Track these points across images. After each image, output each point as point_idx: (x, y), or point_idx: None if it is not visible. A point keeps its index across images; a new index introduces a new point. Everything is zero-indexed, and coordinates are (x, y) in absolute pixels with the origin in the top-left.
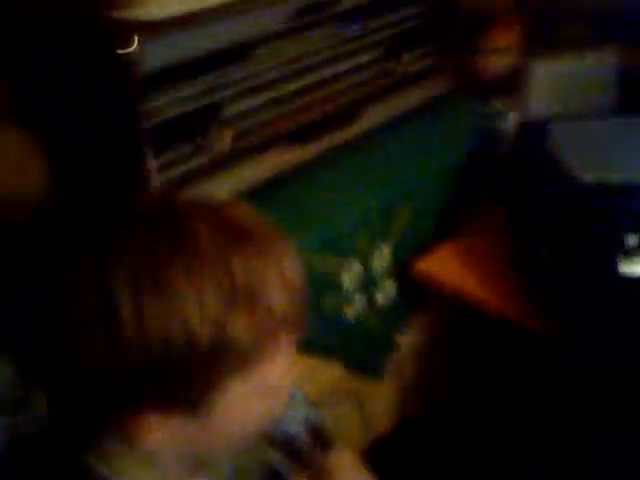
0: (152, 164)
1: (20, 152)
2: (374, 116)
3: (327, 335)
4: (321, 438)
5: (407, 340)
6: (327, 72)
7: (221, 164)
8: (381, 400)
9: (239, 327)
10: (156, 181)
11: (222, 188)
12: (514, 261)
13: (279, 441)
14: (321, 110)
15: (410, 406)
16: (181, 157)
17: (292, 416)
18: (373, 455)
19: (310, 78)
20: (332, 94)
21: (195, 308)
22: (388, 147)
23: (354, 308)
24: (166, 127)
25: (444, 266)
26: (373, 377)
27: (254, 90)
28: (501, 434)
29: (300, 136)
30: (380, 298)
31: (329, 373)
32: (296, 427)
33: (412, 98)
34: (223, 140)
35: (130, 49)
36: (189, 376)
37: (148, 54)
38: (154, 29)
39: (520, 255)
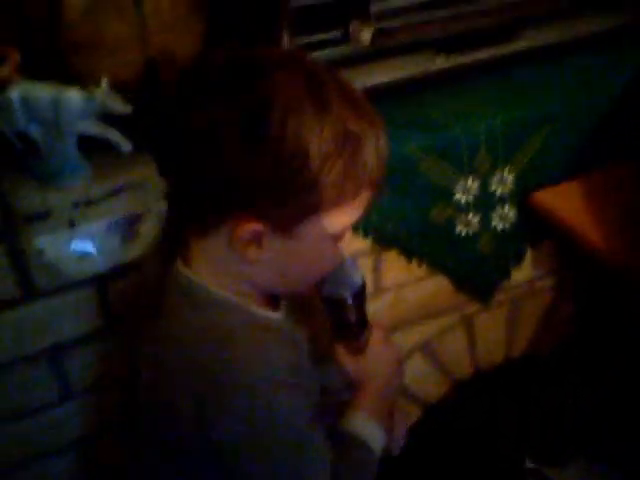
0: (286, 42)
1: (179, 11)
2: (532, 39)
3: (434, 244)
4: (362, 308)
5: (522, 273)
6: None
7: (357, 58)
8: (490, 327)
9: (339, 167)
10: None
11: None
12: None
13: (329, 301)
14: (475, 23)
15: (519, 342)
16: (318, 44)
17: (341, 279)
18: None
19: None
20: (491, 8)
21: (316, 140)
22: (536, 72)
23: (466, 225)
24: (308, 11)
25: (565, 202)
26: (480, 299)
27: None
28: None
29: (449, 45)
30: (496, 222)
31: (434, 283)
32: (343, 290)
33: (578, 27)
34: (363, 35)
35: None
36: (298, 192)
37: None
38: None
39: None
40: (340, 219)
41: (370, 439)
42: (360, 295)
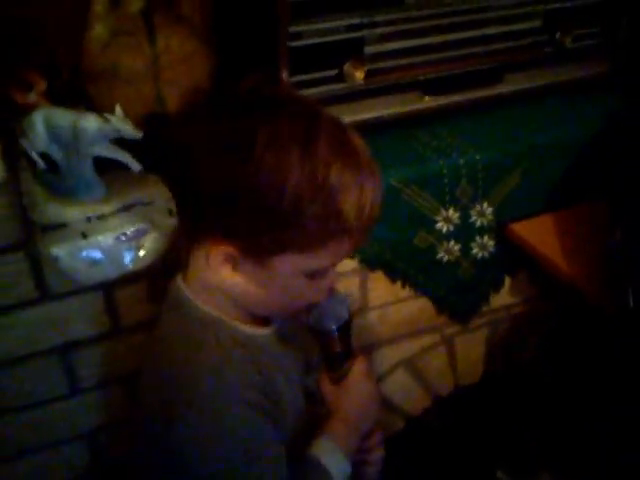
0: (285, 78)
1: (188, 48)
2: (515, 83)
3: (417, 268)
4: (347, 341)
5: (500, 300)
6: (477, 32)
7: (350, 96)
8: (469, 346)
9: (311, 211)
10: None
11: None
12: (609, 253)
13: (315, 331)
14: (462, 67)
15: (497, 360)
16: (314, 81)
17: (330, 313)
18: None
19: (459, 35)
20: (477, 54)
21: (292, 181)
22: (517, 112)
23: (447, 252)
24: (306, 52)
25: (540, 234)
26: (460, 321)
27: (400, 35)
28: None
29: (436, 86)
30: (476, 250)
31: (417, 305)
32: (329, 322)
33: (559, 74)
34: (357, 74)
35: None
36: (270, 226)
37: None
38: None
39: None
40: (313, 261)
41: (333, 468)
42: (346, 328)
